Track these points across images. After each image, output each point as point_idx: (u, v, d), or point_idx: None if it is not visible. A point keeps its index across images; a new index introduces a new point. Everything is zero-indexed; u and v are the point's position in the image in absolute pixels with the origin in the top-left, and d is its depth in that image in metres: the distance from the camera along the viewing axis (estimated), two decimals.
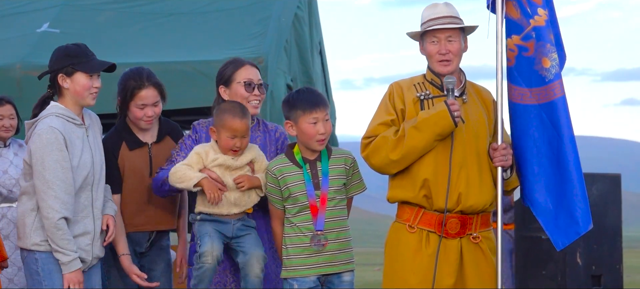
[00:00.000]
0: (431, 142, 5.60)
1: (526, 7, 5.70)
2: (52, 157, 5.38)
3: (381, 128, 5.70)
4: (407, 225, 5.72)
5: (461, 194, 5.62)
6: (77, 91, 5.51)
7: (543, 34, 5.69)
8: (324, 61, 9.44)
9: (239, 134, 5.58)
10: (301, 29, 8.27)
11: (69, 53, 5.54)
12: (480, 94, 5.88)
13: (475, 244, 5.72)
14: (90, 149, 5.56)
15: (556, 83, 5.68)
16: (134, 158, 5.86)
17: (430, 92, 5.72)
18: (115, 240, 5.75)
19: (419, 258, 5.66)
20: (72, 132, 5.49)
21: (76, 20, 7.90)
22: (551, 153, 5.71)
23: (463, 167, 5.64)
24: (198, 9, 8.01)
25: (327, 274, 5.68)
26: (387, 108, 5.74)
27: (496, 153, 5.67)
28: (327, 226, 5.67)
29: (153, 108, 5.85)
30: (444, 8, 5.74)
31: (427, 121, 5.58)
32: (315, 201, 5.65)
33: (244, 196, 5.62)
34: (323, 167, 5.70)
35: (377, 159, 5.66)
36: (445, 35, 5.69)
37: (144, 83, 5.83)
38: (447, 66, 5.70)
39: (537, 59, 5.68)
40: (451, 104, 5.53)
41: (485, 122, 5.78)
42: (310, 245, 5.62)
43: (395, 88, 5.80)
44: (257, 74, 5.89)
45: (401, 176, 5.73)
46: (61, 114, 5.48)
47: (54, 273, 5.43)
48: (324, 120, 5.66)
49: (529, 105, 5.73)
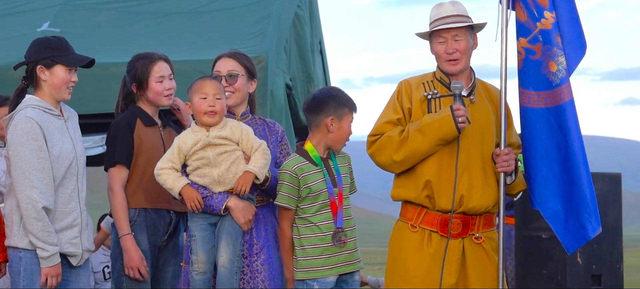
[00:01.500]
0: (434, 147, 5.59)
1: (533, 9, 5.67)
2: (28, 147, 5.31)
3: (387, 127, 5.70)
4: (409, 224, 5.72)
5: (463, 196, 5.62)
6: (55, 84, 5.46)
7: (550, 38, 5.66)
8: (324, 60, 9.44)
9: (210, 92, 5.54)
10: (301, 28, 8.26)
11: (50, 45, 5.49)
12: (490, 93, 5.87)
13: (478, 245, 5.72)
14: (72, 139, 5.49)
15: (563, 87, 5.66)
16: (149, 134, 5.87)
17: (438, 91, 5.71)
18: (118, 220, 5.71)
19: (420, 256, 5.66)
20: (50, 122, 5.42)
21: (76, 19, 7.90)
22: (560, 157, 5.69)
23: (466, 169, 5.63)
24: (197, 8, 8.01)
25: (343, 274, 5.69)
26: (394, 106, 5.74)
27: (498, 159, 5.66)
28: (345, 224, 5.70)
29: (170, 81, 5.91)
30: (450, 7, 5.72)
31: (431, 126, 5.57)
32: (335, 199, 5.66)
33: (228, 173, 5.56)
34: (335, 166, 5.73)
35: (381, 158, 5.68)
36: (451, 35, 5.68)
37: (155, 57, 5.92)
38: (455, 65, 5.69)
39: (544, 63, 5.66)
40: (456, 109, 5.52)
41: (493, 122, 5.77)
42: (333, 243, 5.62)
43: (404, 86, 5.79)
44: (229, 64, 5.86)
45: (405, 175, 5.73)
46: (37, 105, 5.42)
47: (35, 274, 5.35)
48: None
49: (537, 108, 5.71)
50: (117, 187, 5.80)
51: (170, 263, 5.97)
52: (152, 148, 5.86)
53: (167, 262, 5.97)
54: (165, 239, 5.92)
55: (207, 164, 5.53)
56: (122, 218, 5.76)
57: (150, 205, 5.85)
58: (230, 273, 5.56)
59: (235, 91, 5.83)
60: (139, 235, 5.80)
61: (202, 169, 5.55)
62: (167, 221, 5.90)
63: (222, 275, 5.56)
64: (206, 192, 5.54)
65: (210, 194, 5.54)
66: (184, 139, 5.57)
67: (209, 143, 5.54)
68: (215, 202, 5.54)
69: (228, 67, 5.85)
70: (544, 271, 8.84)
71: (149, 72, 5.88)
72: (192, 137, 5.57)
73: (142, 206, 5.84)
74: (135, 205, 5.84)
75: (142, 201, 5.84)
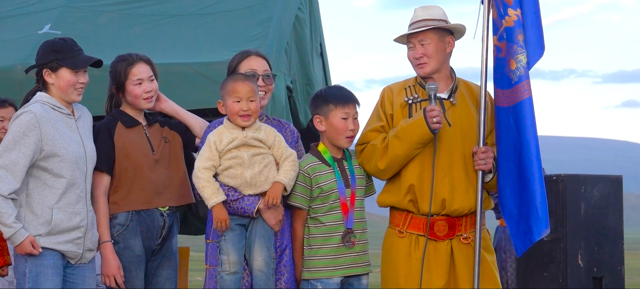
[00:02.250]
0: (412, 150, 5.60)
1: (500, 7, 5.68)
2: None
3: (372, 135, 5.73)
4: (397, 230, 5.75)
5: (445, 199, 5.63)
6: (62, 87, 5.49)
7: (512, 35, 5.66)
8: (325, 63, 9.43)
9: (244, 96, 5.52)
10: (302, 30, 8.26)
11: (55, 48, 5.51)
12: (473, 93, 5.87)
13: (467, 244, 5.72)
14: (81, 138, 5.51)
15: (521, 85, 5.62)
16: (132, 135, 5.78)
17: (419, 95, 5.74)
18: (99, 227, 5.65)
19: (409, 262, 5.68)
20: (58, 120, 5.44)
21: (77, 21, 7.90)
22: (515, 157, 5.67)
23: (448, 172, 5.64)
24: (199, 10, 8.00)
25: (349, 276, 5.69)
26: (378, 114, 5.78)
27: (476, 157, 5.66)
28: (355, 225, 5.70)
29: (150, 84, 5.81)
30: (420, 12, 5.77)
31: (406, 130, 5.59)
32: (345, 199, 5.66)
33: (260, 176, 5.54)
34: (350, 166, 5.73)
35: (369, 167, 5.73)
36: (417, 39, 5.73)
37: (134, 59, 5.82)
38: (423, 68, 5.73)
39: (507, 60, 5.66)
40: (430, 110, 5.53)
41: (476, 123, 5.77)
42: (342, 244, 5.63)
43: (386, 93, 5.83)
44: (263, 64, 5.82)
45: (391, 181, 5.77)
46: (47, 102, 5.46)
47: (40, 276, 5.38)
48: (354, 117, 5.69)
49: (502, 107, 5.71)
50: (99, 192, 5.72)
51: (164, 266, 5.91)
52: (137, 150, 5.79)
53: (160, 266, 5.90)
54: (159, 242, 5.86)
55: (240, 164, 5.51)
56: (103, 224, 5.69)
57: (143, 206, 5.78)
58: (267, 276, 5.57)
59: (268, 91, 5.84)
60: (133, 239, 5.75)
61: (234, 169, 5.52)
62: (160, 223, 5.83)
63: (258, 278, 5.56)
64: (236, 195, 5.53)
65: (241, 196, 5.53)
66: (219, 136, 5.54)
67: (245, 143, 5.53)
68: (247, 204, 5.52)
69: (264, 67, 5.83)
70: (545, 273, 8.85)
71: (126, 74, 5.81)
72: (228, 134, 5.54)
73: (135, 209, 5.76)
74: (128, 208, 5.76)
75: (135, 204, 5.76)
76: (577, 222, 9.05)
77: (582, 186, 9.17)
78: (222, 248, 5.54)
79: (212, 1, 8.04)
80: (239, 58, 5.85)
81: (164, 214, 5.82)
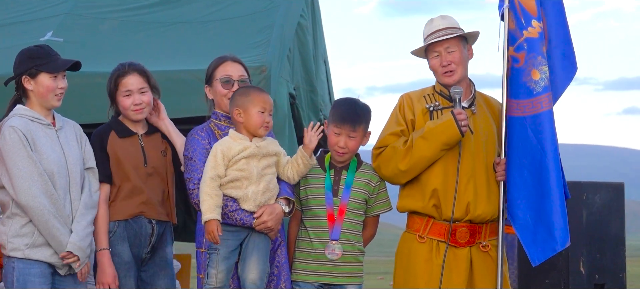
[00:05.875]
0: (438, 152, 5.62)
1: (521, 18, 5.70)
2: (22, 154, 5.35)
3: (391, 138, 5.74)
4: (417, 235, 5.75)
5: (469, 203, 5.65)
6: (41, 93, 5.49)
7: (535, 46, 5.68)
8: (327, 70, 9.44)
9: (268, 108, 5.54)
10: (304, 37, 8.26)
11: (32, 55, 5.52)
12: (490, 105, 5.90)
13: (485, 253, 5.74)
14: (62, 148, 5.48)
15: (544, 96, 5.66)
16: (126, 145, 5.75)
17: (440, 103, 5.76)
18: (96, 234, 5.64)
19: (429, 268, 5.69)
20: (38, 131, 5.43)
21: (79, 28, 7.90)
22: (533, 167, 5.68)
23: (471, 178, 5.66)
24: (201, 18, 8.01)
25: (329, 284, 5.70)
26: (397, 119, 5.79)
27: (498, 168, 5.69)
28: (343, 236, 5.70)
29: (140, 96, 5.76)
30: (439, 21, 5.79)
31: (434, 131, 5.60)
32: (332, 209, 5.67)
33: (263, 196, 5.54)
34: (348, 178, 5.74)
35: (387, 170, 5.72)
36: (443, 47, 5.74)
37: (126, 70, 5.79)
38: (451, 76, 5.74)
39: (526, 71, 5.68)
40: (458, 113, 5.56)
41: (495, 133, 5.80)
42: (325, 253, 5.65)
43: (405, 99, 5.85)
44: (239, 70, 5.78)
45: (411, 186, 5.76)
46: (24, 114, 5.45)
47: (28, 284, 5.37)
48: (348, 136, 5.70)
49: (516, 117, 5.73)
50: (99, 200, 5.72)
51: (160, 275, 5.88)
52: (129, 159, 5.77)
53: (156, 275, 5.88)
54: (148, 251, 5.84)
55: (247, 177, 5.48)
56: (101, 231, 5.69)
57: (128, 216, 5.75)
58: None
59: None
60: (121, 245, 5.73)
61: (240, 181, 5.49)
62: (148, 231, 5.80)
63: None
64: (236, 205, 5.50)
65: (240, 207, 5.50)
66: (228, 145, 5.51)
67: (256, 153, 5.50)
68: (245, 215, 5.51)
69: (240, 72, 5.84)
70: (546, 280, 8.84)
71: (116, 85, 5.81)
72: (238, 144, 5.51)
73: (123, 218, 5.75)
74: (114, 217, 5.75)
75: (121, 214, 5.75)
76: (579, 229, 9.03)
77: (584, 193, 9.15)
78: (212, 260, 5.50)
79: (214, 9, 8.05)
80: (215, 64, 5.88)
81: (152, 222, 5.81)
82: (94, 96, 6.98)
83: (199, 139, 5.67)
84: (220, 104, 5.85)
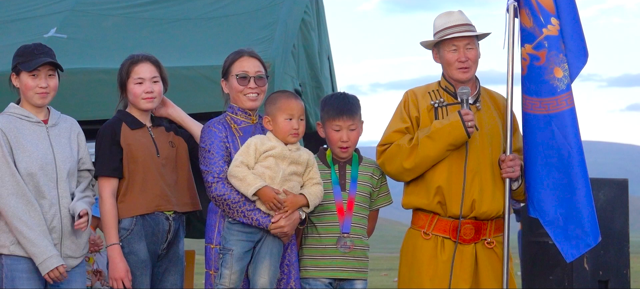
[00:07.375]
0: (444, 152, 5.62)
1: (539, 16, 5.68)
2: None
3: (396, 136, 5.73)
4: (422, 232, 5.75)
5: (475, 200, 5.65)
6: (23, 91, 5.55)
7: (556, 44, 5.67)
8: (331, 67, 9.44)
9: (296, 114, 5.50)
10: (309, 34, 8.26)
11: (18, 53, 5.61)
12: (495, 100, 5.90)
13: (490, 249, 5.75)
14: (51, 145, 5.47)
15: (568, 94, 5.67)
16: (138, 137, 5.73)
17: (445, 99, 5.75)
18: (105, 230, 5.63)
19: (434, 264, 5.69)
20: (23, 129, 5.44)
21: (83, 25, 7.90)
22: (561, 164, 5.69)
23: (477, 175, 5.66)
24: (204, 14, 8.01)
25: (339, 279, 5.70)
26: (401, 116, 5.78)
27: (504, 164, 5.69)
28: (352, 230, 5.71)
29: (152, 84, 5.75)
30: (459, 16, 5.76)
31: (441, 131, 5.60)
32: (342, 203, 5.67)
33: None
34: (352, 172, 5.75)
35: (391, 167, 5.71)
36: (463, 43, 5.72)
37: (139, 58, 5.78)
38: (466, 73, 5.74)
39: (548, 69, 5.66)
40: (465, 114, 5.56)
41: (500, 129, 5.80)
42: (337, 247, 5.65)
43: (410, 96, 5.83)
44: (256, 65, 5.73)
45: (415, 183, 5.76)
46: (12, 112, 5.48)
47: (16, 280, 5.37)
48: (349, 129, 5.69)
49: (539, 115, 5.71)
50: (106, 195, 5.69)
51: (170, 272, 5.87)
52: (144, 151, 5.74)
53: (167, 271, 5.87)
54: (164, 247, 5.83)
55: (271, 177, 5.44)
56: (110, 226, 5.66)
57: (147, 211, 5.72)
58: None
59: (262, 93, 5.79)
60: (138, 243, 5.71)
61: (263, 179, 5.44)
62: (165, 227, 5.79)
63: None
64: (253, 204, 5.47)
65: (256, 207, 5.47)
66: (262, 141, 5.48)
67: (286, 156, 5.47)
68: (262, 216, 5.47)
69: (256, 68, 5.78)
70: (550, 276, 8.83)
71: (129, 72, 5.78)
72: (271, 142, 5.48)
73: (140, 213, 5.72)
74: (132, 213, 5.71)
75: (139, 208, 5.71)
76: None
77: None
78: (225, 260, 5.47)
79: (218, 5, 8.05)
80: (232, 58, 5.83)
81: (170, 217, 5.79)
82: (97, 92, 6.99)
83: (216, 131, 5.65)
84: (236, 100, 5.81)
